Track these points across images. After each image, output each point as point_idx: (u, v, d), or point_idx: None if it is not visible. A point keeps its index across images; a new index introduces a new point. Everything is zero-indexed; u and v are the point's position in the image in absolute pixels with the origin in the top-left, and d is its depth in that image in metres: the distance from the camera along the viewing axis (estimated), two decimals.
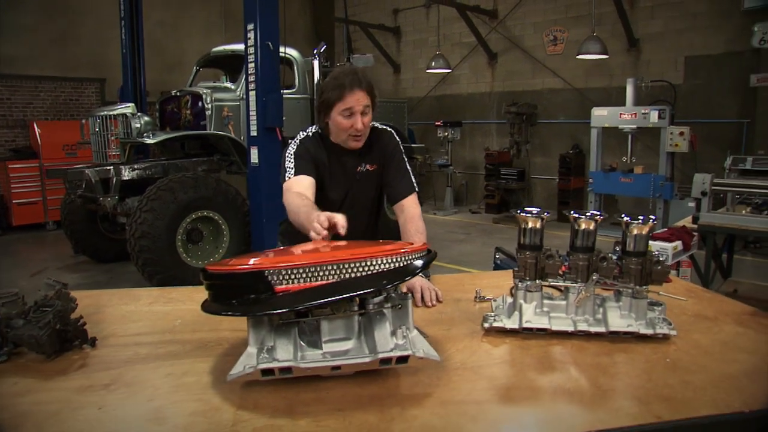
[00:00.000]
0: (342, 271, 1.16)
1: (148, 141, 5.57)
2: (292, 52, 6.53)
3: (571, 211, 1.62)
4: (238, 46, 6.15)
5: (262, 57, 5.04)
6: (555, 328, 1.55)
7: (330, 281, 1.17)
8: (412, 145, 8.71)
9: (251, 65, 5.10)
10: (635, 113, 7.40)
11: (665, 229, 4.51)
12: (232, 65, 6.65)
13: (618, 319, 1.56)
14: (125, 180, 5.41)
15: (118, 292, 2.07)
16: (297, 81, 6.59)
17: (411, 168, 2.15)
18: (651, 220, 1.57)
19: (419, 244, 1.95)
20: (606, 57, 8.07)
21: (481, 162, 10.51)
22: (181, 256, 5.15)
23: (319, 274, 1.16)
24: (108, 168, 5.36)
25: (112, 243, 6.33)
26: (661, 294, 1.60)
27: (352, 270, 1.18)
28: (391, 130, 2.15)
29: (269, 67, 5.11)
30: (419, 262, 1.28)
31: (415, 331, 1.31)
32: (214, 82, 6.60)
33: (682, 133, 7.06)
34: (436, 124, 10.41)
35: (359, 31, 12.08)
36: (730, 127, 7.76)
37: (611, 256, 1.59)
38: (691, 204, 5.22)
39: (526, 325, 1.56)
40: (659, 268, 1.57)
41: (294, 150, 1.99)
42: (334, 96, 1.95)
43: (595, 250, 1.61)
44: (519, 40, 9.95)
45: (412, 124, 10.68)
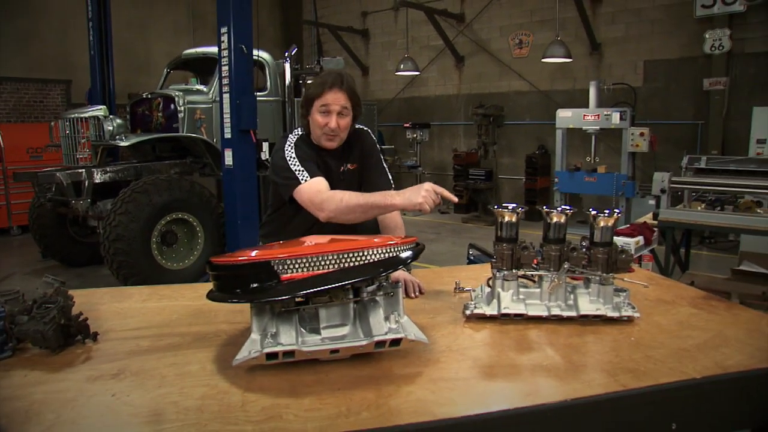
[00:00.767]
0: (342, 260, 1.27)
1: (122, 143, 5.52)
2: (264, 55, 6.57)
3: (544, 206, 1.76)
4: (210, 49, 6.16)
5: (236, 60, 5.07)
6: (531, 314, 1.69)
7: (330, 270, 1.27)
8: (381, 146, 8.83)
9: (225, 68, 5.12)
10: (598, 115, 7.72)
11: (628, 225, 4.76)
12: (203, 68, 6.64)
13: (587, 304, 1.71)
14: (97, 183, 5.35)
15: (110, 291, 2.12)
16: (269, 83, 6.63)
17: (387, 166, 2.25)
18: (616, 212, 1.73)
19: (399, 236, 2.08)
20: (570, 60, 8.38)
21: (450, 163, 10.73)
22: (156, 258, 5.14)
23: (320, 263, 1.26)
24: (80, 171, 5.30)
25: (83, 247, 6.23)
26: (626, 280, 1.76)
27: (351, 260, 1.28)
28: (368, 129, 2.25)
29: (243, 69, 5.14)
30: (410, 252, 1.40)
31: (405, 316, 1.42)
32: (185, 85, 6.58)
33: (642, 134, 7.40)
34: (405, 126, 10.58)
35: (328, 34, 12.16)
36: (687, 128, 8.17)
37: (581, 247, 1.74)
38: (652, 202, 5.52)
39: (504, 311, 1.69)
40: (623, 257, 1.73)
41: (294, 153, 2.01)
42: (315, 92, 2.04)
43: (565, 241, 1.76)
44: (486, 44, 10.21)
45: (381, 126, 10.82)
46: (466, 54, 10.58)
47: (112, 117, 5.64)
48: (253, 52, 5.35)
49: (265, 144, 5.88)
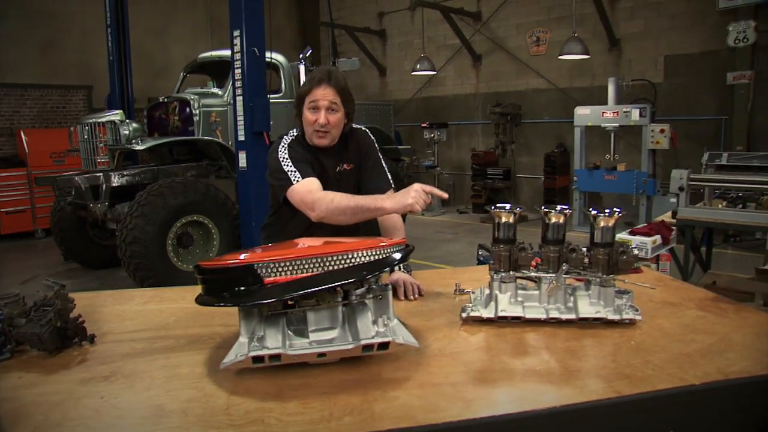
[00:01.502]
0: (325, 263, 1.26)
1: (137, 147, 5.62)
2: (278, 57, 6.61)
3: (542, 206, 1.72)
4: (225, 52, 6.21)
5: (249, 62, 5.12)
6: (528, 316, 1.66)
7: (314, 273, 1.26)
8: (398, 147, 8.81)
9: (238, 71, 5.17)
10: (617, 112, 7.58)
11: (645, 224, 4.65)
12: (219, 71, 6.71)
13: (587, 307, 1.67)
14: (115, 186, 5.45)
15: (113, 293, 2.15)
16: (283, 85, 6.67)
17: (387, 165, 2.23)
18: (617, 212, 1.68)
19: (398, 239, 2.07)
20: (588, 57, 8.24)
21: (468, 162, 10.65)
22: (171, 260, 5.21)
23: (304, 266, 1.25)
24: (98, 175, 5.41)
25: (102, 249, 6.36)
26: (626, 282, 1.71)
27: (335, 263, 1.27)
28: (366, 129, 2.24)
29: (256, 72, 5.18)
30: (397, 255, 1.38)
31: (395, 320, 1.40)
32: (201, 88, 6.66)
33: (662, 131, 7.24)
34: (422, 125, 10.53)
35: (345, 35, 12.19)
36: (709, 124, 7.96)
37: (580, 248, 1.70)
38: (673, 200, 5.38)
39: (501, 313, 1.66)
40: (624, 257, 1.67)
41: (288, 154, 2.02)
42: (304, 89, 2.05)
43: (565, 242, 1.71)
44: (503, 42, 10.11)
45: (399, 126, 10.80)
46: (483, 52, 10.49)
47: (128, 121, 5.75)
48: (267, 54, 5.38)
49: None
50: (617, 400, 1.21)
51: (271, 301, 1.22)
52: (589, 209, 1.70)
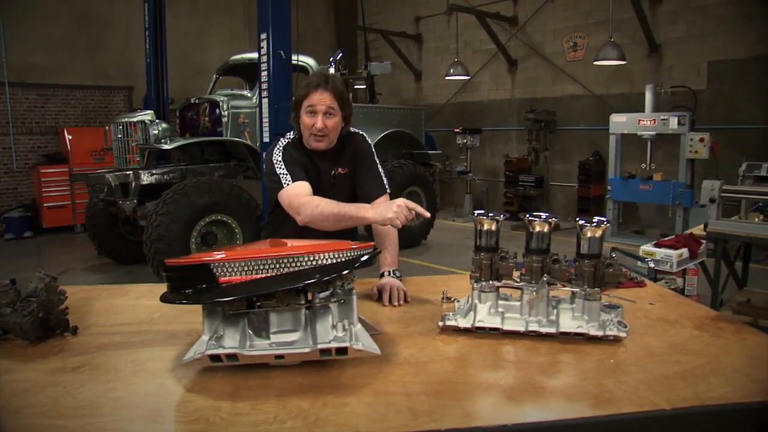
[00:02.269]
0: (280, 265, 1.25)
1: (164, 147, 5.79)
2: (308, 60, 6.69)
3: (527, 215, 1.67)
4: (255, 55, 6.34)
5: (275, 65, 5.20)
6: (506, 328, 1.60)
7: (270, 274, 1.25)
8: (429, 152, 8.76)
9: (264, 73, 5.27)
10: (654, 119, 7.31)
11: (673, 236, 4.46)
12: (250, 73, 6.85)
13: (569, 321, 1.60)
14: (144, 184, 5.63)
15: (110, 288, 2.21)
16: None
17: (383, 170, 2.21)
18: (604, 222, 1.61)
19: (390, 245, 2.04)
20: (624, 63, 7.98)
21: (501, 169, 10.48)
22: None
23: (258, 267, 1.25)
24: (128, 173, 5.60)
25: (133, 245, 6.55)
26: (611, 296, 1.63)
27: (291, 264, 1.26)
28: (363, 133, 2.23)
29: (281, 75, 5.27)
30: (364, 258, 1.36)
31: (359, 325, 1.38)
32: (231, 90, 6.81)
33: (702, 140, 6.93)
34: (455, 131, 10.43)
35: (381, 39, 12.22)
36: (755, 134, 7.56)
37: (564, 259, 1.63)
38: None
39: (478, 324, 1.61)
40: (611, 270, 1.60)
41: (282, 156, 2.04)
42: (301, 94, 2.06)
43: (549, 252, 1.65)
44: (539, 47, 9.92)
45: (433, 131, 10.75)
46: (519, 58, 10.32)
47: (158, 121, 5.93)
48: (298, 58, 5.46)
49: None
50: (570, 422, 1.15)
51: (224, 300, 1.23)
52: (577, 219, 1.64)
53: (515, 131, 10.56)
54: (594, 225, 1.60)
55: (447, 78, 10.61)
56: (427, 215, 1.78)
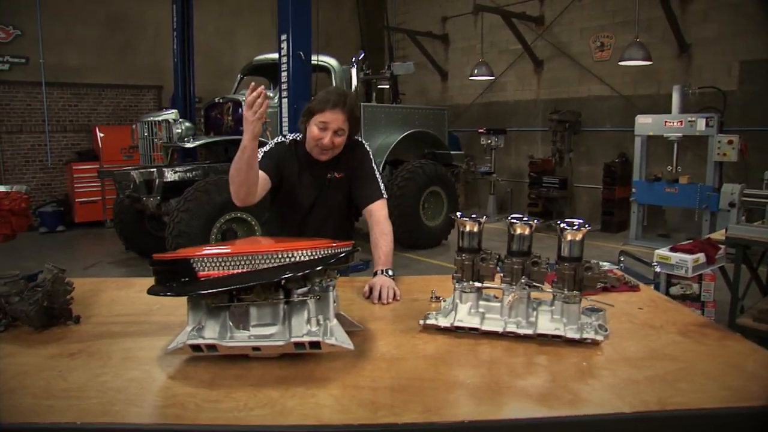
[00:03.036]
0: (256, 261, 1.32)
1: (186, 145, 5.97)
2: (330, 60, 6.77)
3: (509, 217, 1.69)
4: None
5: (294, 66, 5.29)
6: (485, 328, 1.63)
7: (246, 270, 1.33)
8: (451, 152, 8.75)
9: (284, 74, 5.37)
10: (681, 121, 7.14)
11: (690, 240, 4.37)
12: (273, 73, 6.95)
13: (547, 323, 1.62)
14: (168, 181, 5.81)
15: (116, 280, 2.32)
16: None
17: (381, 176, 2.27)
18: (586, 226, 1.62)
19: (384, 245, 2.09)
20: (650, 63, 7.81)
21: (526, 170, 10.39)
22: None
23: (235, 263, 1.32)
24: (152, 170, 5.79)
25: (158, 241, 6.74)
26: (590, 300, 1.65)
27: (267, 261, 1.33)
28: (362, 141, 2.29)
29: (301, 75, 5.36)
30: (341, 256, 1.42)
31: (335, 321, 1.44)
32: None
33: (730, 142, 6.74)
34: (479, 131, 10.37)
35: (407, 39, 12.25)
36: None
37: (544, 261, 1.65)
38: (742, 217, 5.00)
39: (457, 323, 1.65)
40: (590, 274, 1.61)
41: (266, 149, 2.17)
42: (318, 107, 2.13)
43: (530, 254, 1.68)
44: (565, 47, 9.79)
45: (459, 131, 10.73)
46: (545, 58, 10.21)
47: (181, 120, 6.11)
48: (318, 58, 5.53)
49: None
50: (525, 421, 1.18)
51: (203, 293, 1.30)
52: (558, 222, 1.65)
53: (540, 132, 10.45)
54: (575, 228, 1.62)
55: (471, 78, 10.57)
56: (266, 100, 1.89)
